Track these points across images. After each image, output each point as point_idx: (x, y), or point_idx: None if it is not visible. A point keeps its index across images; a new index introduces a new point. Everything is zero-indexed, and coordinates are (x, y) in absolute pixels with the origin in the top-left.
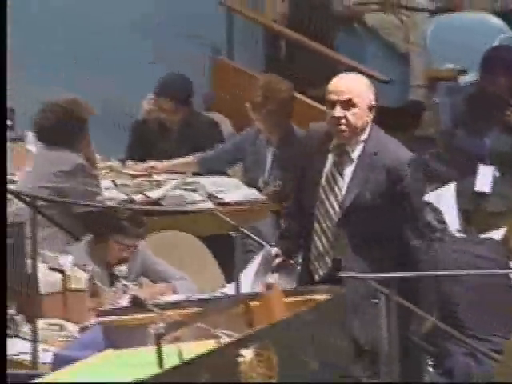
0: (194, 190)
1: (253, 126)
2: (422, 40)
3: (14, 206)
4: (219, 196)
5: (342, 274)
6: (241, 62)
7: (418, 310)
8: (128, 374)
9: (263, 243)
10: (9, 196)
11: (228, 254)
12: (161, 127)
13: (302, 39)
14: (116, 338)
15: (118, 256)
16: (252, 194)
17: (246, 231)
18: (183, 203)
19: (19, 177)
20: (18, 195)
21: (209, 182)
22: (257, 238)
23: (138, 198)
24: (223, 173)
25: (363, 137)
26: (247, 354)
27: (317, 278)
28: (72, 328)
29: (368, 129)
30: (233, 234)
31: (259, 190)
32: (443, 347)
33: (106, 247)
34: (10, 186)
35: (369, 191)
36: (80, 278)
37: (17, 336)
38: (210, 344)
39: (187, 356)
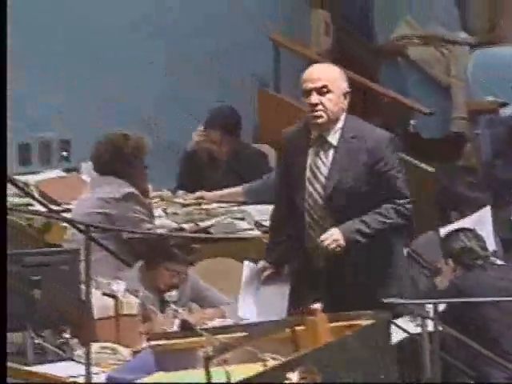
0: (242, 219)
1: None
2: (464, 73)
3: (70, 233)
4: (265, 224)
5: (385, 300)
6: (286, 94)
7: (461, 336)
8: None
9: None
10: (65, 224)
11: None
12: (210, 158)
13: (346, 72)
14: (166, 361)
15: (168, 282)
16: None
17: None
18: (232, 231)
19: (74, 205)
20: (72, 223)
21: (256, 211)
22: None
23: (187, 226)
24: (270, 202)
25: (340, 124)
26: (293, 377)
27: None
28: (124, 351)
29: (343, 116)
30: None
31: None
32: (484, 372)
33: (156, 273)
34: (66, 215)
35: (351, 175)
36: (132, 304)
37: (71, 359)
38: (257, 367)
39: (235, 379)
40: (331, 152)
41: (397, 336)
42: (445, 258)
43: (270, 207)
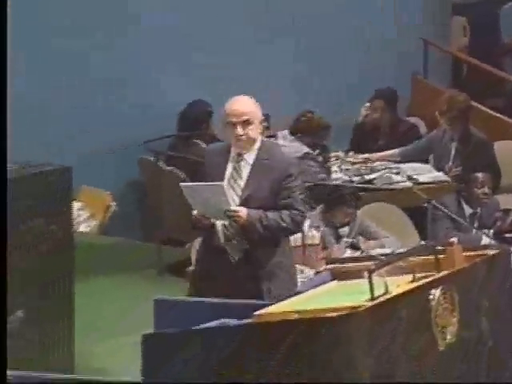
0: (397, 174)
1: (440, 127)
2: None
3: None
4: (416, 177)
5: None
6: (431, 80)
7: None
8: (346, 300)
9: (446, 212)
10: None
11: (421, 220)
12: (374, 127)
13: (478, 64)
14: (340, 278)
15: (342, 220)
16: (440, 176)
17: (435, 203)
18: (389, 183)
19: None
20: None
21: (408, 168)
22: (443, 208)
23: (356, 179)
24: (419, 161)
25: (256, 146)
26: (436, 292)
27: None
28: (309, 272)
29: (260, 139)
30: (426, 205)
31: (445, 173)
32: None
33: (333, 214)
34: None
35: (262, 187)
36: (315, 236)
37: None
38: (408, 279)
39: (391, 287)
40: (248, 168)
41: None
42: None
43: (419, 165)
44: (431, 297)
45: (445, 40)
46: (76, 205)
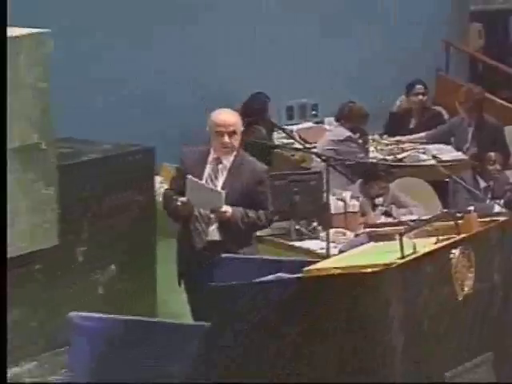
0: (423, 153)
1: (460, 115)
2: None
3: (315, 162)
4: (439, 156)
5: None
6: (453, 76)
7: None
8: (381, 258)
9: (464, 185)
10: (310, 155)
11: (443, 192)
12: (406, 116)
13: (491, 62)
14: (375, 240)
15: (377, 192)
16: (459, 155)
17: (455, 178)
18: (417, 161)
19: (319, 143)
20: (318, 155)
21: (433, 148)
22: (462, 182)
23: (389, 158)
24: (442, 143)
25: (234, 152)
26: (456, 252)
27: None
28: (350, 234)
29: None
30: (447, 179)
31: (463, 153)
32: None
33: (370, 187)
34: (313, 150)
35: (238, 189)
36: (355, 205)
37: (318, 238)
38: (432, 241)
39: (418, 248)
40: (225, 171)
41: None
42: None
43: (442, 146)
44: (452, 255)
45: (464, 42)
46: (157, 179)
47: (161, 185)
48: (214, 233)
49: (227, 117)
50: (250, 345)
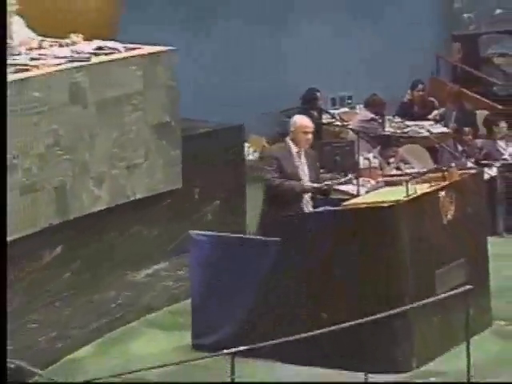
0: (421, 128)
1: (446, 104)
2: None
3: (350, 134)
4: (431, 130)
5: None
6: (441, 78)
7: None
8: (393, 197)
9: (448, 149)
10: (346, 130)
11: (434, 154)
12: (411, 104)
13: (468, 69)
14: (389, 185)
15: (390, 154)
16: (445, 130)
17: (442, 144)
18: (417, 133)
19: (352, 122)
20: (351, 129)
21: (427, 125)
22: (447, 147)
23: (398, 131)
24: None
25: None
26: (442, 193)
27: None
28: (372, 182)
29: None
30: (437, 146)
31: (448, 128)
32: None
33: (386, 151)
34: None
35: (313, 167)
36: (376, 162)
37: (351, 184)
38: (427, 186)
39: (418, 190)
40: (303, 157)
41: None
42: None
43: (433, 123)
44: (440, 195)
45: (449, 55)
46: (246, 145)
47: (248, 149)
48: (308, 198)
49: (309, 121)
50: (307, 254)
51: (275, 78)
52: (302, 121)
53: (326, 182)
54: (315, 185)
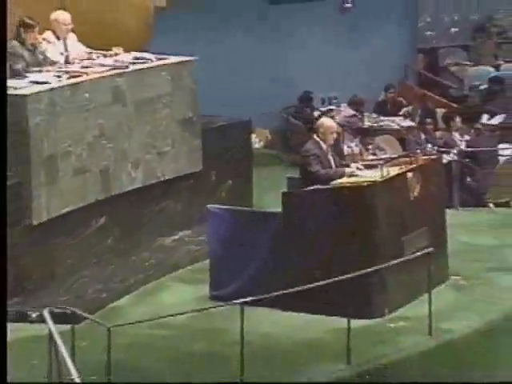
0: (393, 122)
1: (413, 104)
2: None
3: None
4: (401, 124)
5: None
6: (409, 83)
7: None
8: (371, 178)
9: (414, 139)
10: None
11: (403, 143)
12: (384, 104)
13: (429, 75)
14: (368, 168)
15: (368, 143)
16: (412, 124)
17: (409, 135)
18: (389, 127)
19: (338, 117)
20: (337, 123)
21: (397, 119)
22: (412, 138)
23: (375, 125)
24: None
25: None
26: (410, 174)
27: None
28: (353, 165)
29: None
30: (405, 136)
31: (414, 122)
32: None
33: (365, 140)
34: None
35: (335, 158)
36: (356, 149)
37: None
38: (397, 169)
39: (390, 172)
40: (331, 151)
41: None
42: None
43: (403, 119)
44: (408, 176)
45: (414, 64)
46: (253, 136)
47: (255, 139)
48: None
49: (334, 124)
50: (303, 224)
51: (274, 80)
52: (331, 124)
53: (353, 168)
54: (347, 169)
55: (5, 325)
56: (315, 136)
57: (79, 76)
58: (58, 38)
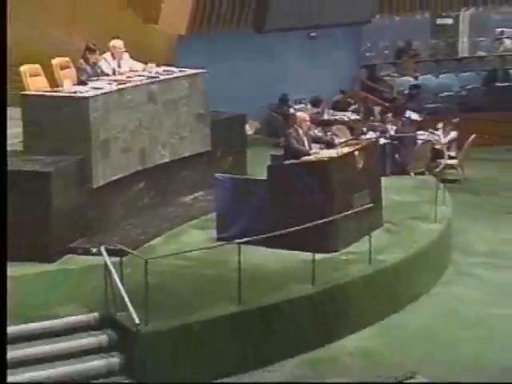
0: (344, 115)
1: (359, 104)
2: None
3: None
4: (351, 117)
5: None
6: (355, 88)
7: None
8: (331, 154)
9: (359, 128)
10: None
11: (351, 131)
12: (339, 103)
13: (370, 83)
14: (331, 148)
15: (327, 131)
16: (358, 117)
17: (356, 126)
18: (342, 119)
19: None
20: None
21: (348, 114)
22: (359, 128)
23: (332, 118)
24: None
25: None
26: (357, 153)
27: None
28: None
29: None
30: (353, 126)
31: (359, 116)
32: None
33: (325, 129)
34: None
35: (309, 141)
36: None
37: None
38: (349, 148)
39: (344, 151)
40: (305, 136)
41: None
42: None
43: (352, 113)
44: (355, 154)
45: (358, 76)
46: (246, 126)
47: (248, 128)
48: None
49: (307, 115)
50: (283, 189)
51: (261, 86)
52: (304, 116)
53: (317, 149)
54: (311, 151)
55: (5, 325)
56: (295, 125)
57: (124, 83)
58: (114, 58)
